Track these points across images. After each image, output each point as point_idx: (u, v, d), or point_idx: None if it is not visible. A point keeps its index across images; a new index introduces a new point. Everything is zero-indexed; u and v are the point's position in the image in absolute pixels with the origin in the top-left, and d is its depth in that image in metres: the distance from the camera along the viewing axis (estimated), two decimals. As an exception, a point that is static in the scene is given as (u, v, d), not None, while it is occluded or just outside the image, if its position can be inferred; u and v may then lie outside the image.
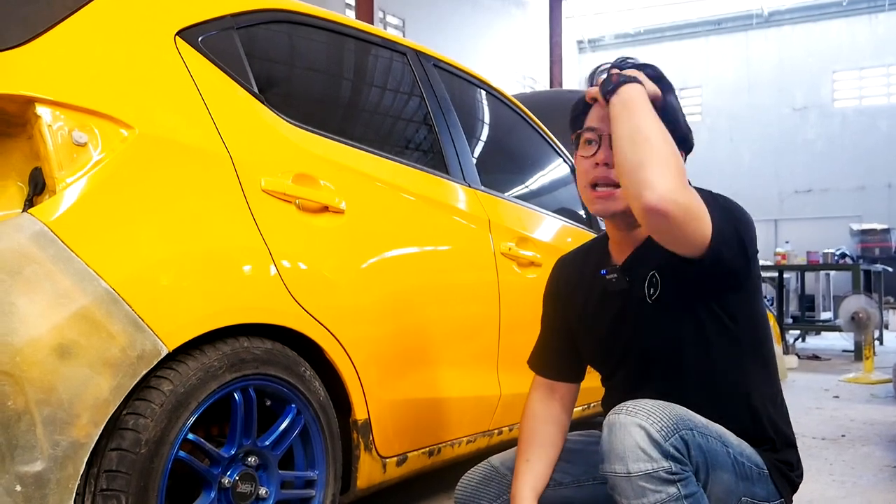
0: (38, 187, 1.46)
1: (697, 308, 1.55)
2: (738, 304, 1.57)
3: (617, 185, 1.55)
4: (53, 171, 1.44)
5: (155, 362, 1.46)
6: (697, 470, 1.40)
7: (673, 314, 1.56)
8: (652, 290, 1.58)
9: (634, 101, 1.43)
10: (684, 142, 1.59)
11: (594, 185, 1.59)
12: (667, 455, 1.34)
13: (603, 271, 1.66)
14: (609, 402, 1.71)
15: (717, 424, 1.50)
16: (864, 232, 13.80)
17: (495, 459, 1.75)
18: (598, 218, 1.63)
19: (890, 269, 9.95)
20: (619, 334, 1.58)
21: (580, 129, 1.63)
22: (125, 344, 1.42)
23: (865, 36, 17.87)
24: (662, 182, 1.33)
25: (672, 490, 1.33)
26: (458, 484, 1.73)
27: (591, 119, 1.61)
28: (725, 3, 18.55)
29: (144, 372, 1.45)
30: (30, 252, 1.36)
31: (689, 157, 1.63)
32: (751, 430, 1.57)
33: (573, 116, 1.66)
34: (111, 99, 1.56)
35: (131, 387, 1.43)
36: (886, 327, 9.77)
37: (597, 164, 1.58)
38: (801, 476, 1.64)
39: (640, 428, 1.35)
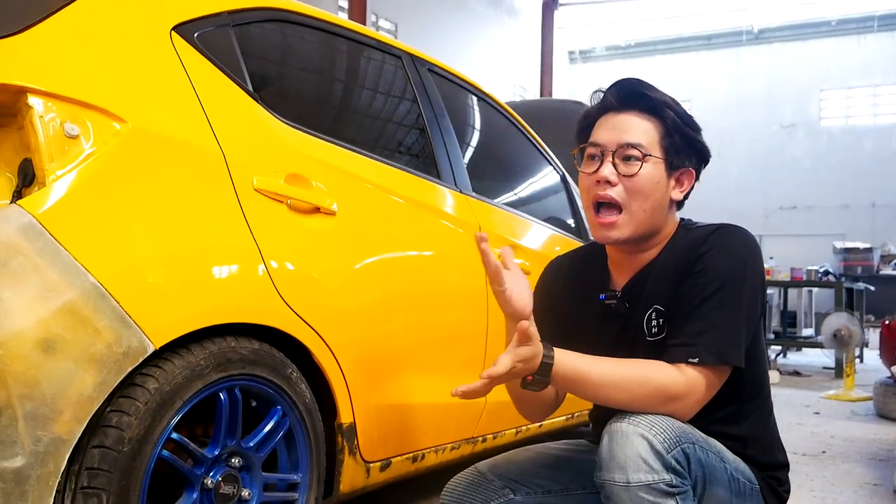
0: (27, 179, 1.44)
1: None
2: None
3: (620, 210, 1.50)
4: (44, 163, 1.42)
5: (141, 359, 1.45)
6: (695, 484, 1.38)
7: None
8: (653, 326, 1.55)
9: (566, 378, 1.42)
10: (703, 157, 1.59)
11: (597, 208, 1.53)
12: (668, 467, 1.32)
13: (602, 296, 1.62)
14: (598, 412, 1.69)
15: (714, 440, 1.48)
16: (847, 250, 13.89)
17: (482, 465, 1.72)
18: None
19: (872, 288, 10.00)
20: (616, 354, 1.54)
21: (585, 142, 1.57)
22: (111, 340, 1.40)
23: (853, 56, 18.02)
24: (681, 412, 1.41)
25: (670, 503, 1.31)
26: (444, 489, 1.71)
27: (597, 133, 1.55)
28: (716, 19, 18.67)
29: (130, 369, 1.43)
30: (17, 244, 1.34)
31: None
32: (743, 456, 1.55)
33: (580, 129, 1.60)
34: (105, 92, 1.54)
35: (116, 384, 1.41)
36: (867, 345, 9.80)
37: (598, 181, 1.51)
38: (788, 491, 1.63)
39: (642, 438, 1.32)
